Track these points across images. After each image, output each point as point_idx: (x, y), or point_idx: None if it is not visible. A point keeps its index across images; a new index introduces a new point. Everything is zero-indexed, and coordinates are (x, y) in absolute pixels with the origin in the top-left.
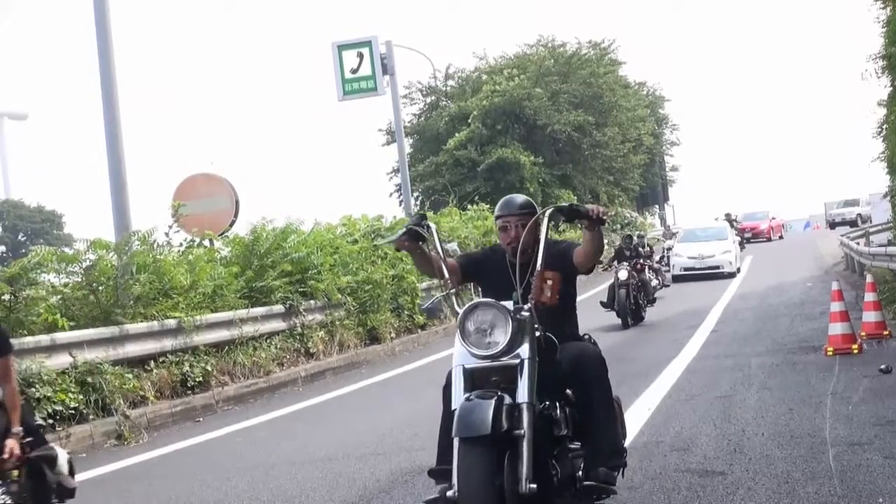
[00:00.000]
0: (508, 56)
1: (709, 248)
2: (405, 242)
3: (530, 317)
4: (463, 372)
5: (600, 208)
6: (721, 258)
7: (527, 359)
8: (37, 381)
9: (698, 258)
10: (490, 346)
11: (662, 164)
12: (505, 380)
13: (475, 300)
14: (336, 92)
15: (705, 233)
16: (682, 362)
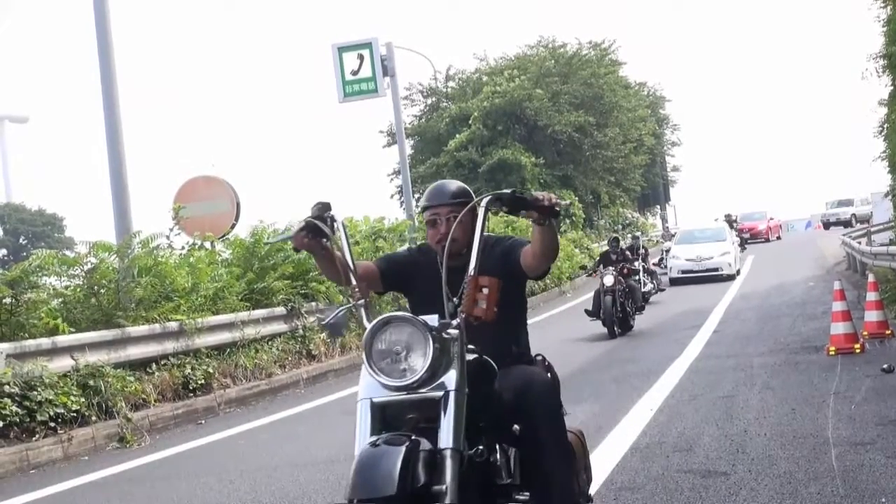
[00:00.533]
0: (509, 57)
1: (707, 249)
2: (304, 240)
3: (459, 335)
4: (370, 408)
5: (552, 196)
6: (720, 260)
7: (453, 390)
8: (38, 385)
9: (696, 260)
10: (405, 373)
11: (663, 164)
12: (425, 418)
13: (386, 314)
14: (336, 94)
15: (703, 234)
16: (685, 362)
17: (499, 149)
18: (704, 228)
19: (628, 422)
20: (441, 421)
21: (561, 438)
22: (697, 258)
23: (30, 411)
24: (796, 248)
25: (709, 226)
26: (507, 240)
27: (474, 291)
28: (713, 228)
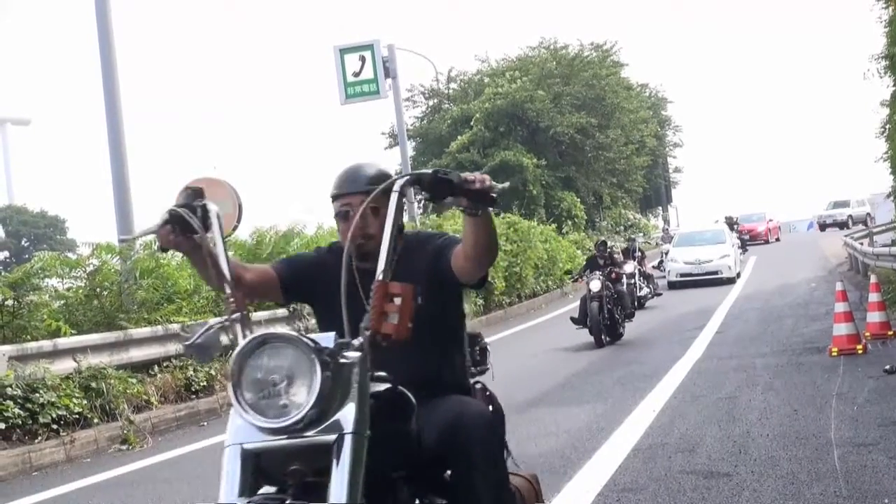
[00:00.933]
0: (510, 58)
1: (706, 252)
2: (170, 236)
3: (360, 360)
4: (240, 456)
5: (486, 177)
6: (719, 263)
7: (349, 433)
8: (41, 387)
9: (695, 263)
10: (286, 410)
11: (665, 165)
12: (312, 469)
13: (260, 333)
14: (338, 95)
15: (703, 236)
16: (687, 363)
17: (501, 150)
18: (704, 231)
19: (631, 423)
20: (333, 473)
21: (501, 488)
22: (696, 261)
23: (32, 413)
24: (798, 249)
25: (708, 228)
26: (439, 237)
27: (382, 302)
28: (713, 230)
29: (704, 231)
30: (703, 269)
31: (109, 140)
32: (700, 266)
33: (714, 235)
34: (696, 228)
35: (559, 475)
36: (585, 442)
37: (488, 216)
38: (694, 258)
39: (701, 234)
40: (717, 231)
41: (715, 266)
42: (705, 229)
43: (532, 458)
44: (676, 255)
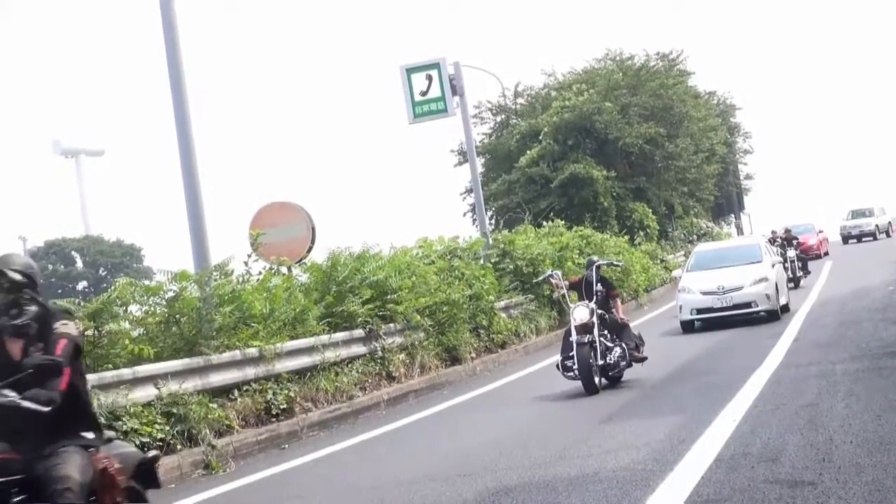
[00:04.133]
0: (577, 71)
1: (734, 276)
2: None
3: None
4: None
5: None
6: (753, 291)
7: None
8: (123, 414)
9: (718, 293)
10: None
11: (736, 172)
12: None
13: None
14: (406, 115)
15: (730, 254)
16: (766, 372)
17: (570, 163)
18: (731, 246)
19: (711, 433)
20: None
21: None
22: (720, 289)
23: None
24: (874, 253)
25: (738, 242)
26: None
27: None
28: (745, 245)
29: (732, 247)
30: (729, 300)
31: (182, 167)
32: (725, 297)
33: (746, 252)
34: (720, 244)
35: (642, 488)
36: (667, 454)
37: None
38: (716, 285)
39: (727, 252)
40: (749, 247)
41: (747, 296)
42: (734, 244)
43: (614, 472)
44: (691, 282)
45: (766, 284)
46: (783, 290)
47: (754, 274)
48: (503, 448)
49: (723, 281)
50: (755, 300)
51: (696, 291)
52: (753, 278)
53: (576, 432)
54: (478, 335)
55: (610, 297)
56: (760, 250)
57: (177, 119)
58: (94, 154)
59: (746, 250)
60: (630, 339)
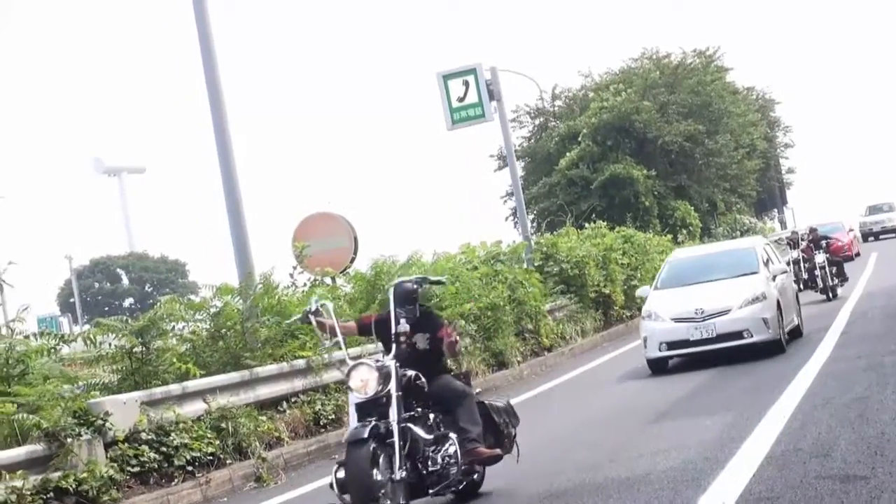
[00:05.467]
0: (614, 71)
1: (718, 294)
2: None
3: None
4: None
5: None
6: (744, 315)
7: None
8: (173, 430)
9: (695, 318)
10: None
11: (778, 167)
12: None
13: None
14: (445, 122)
15: (715, 263)
16: (815, 366)
17: (610, 164)
18: (719, 252)
19: (762, 430)
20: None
21: None
22: (698, 314)
23: (167, 456)
24: None
25: (728, 245)
26: None
27: None
28: (736, 251)
29: (719, 253)
30: (710, 329)
31: (223, 181)
32: (705, 325)
33: (737, 260)
34: (703, 249)
35: (693, 488)
36: (717, 452)
37: None
38: (693, 308)
39: (712, 261)
40: (742, 252)
41: (735, 322)
42: (722, 249)
43: (665, 473)
44: (660, 304)
45: (764, 305)
46: (791, 308)
47: (747, 290)
48: (553, 451)
49: (702, 302)
50: (748, 328)
51: (665, 318)
52: (745, 297)
53: (625, 433)
54: (524, 339)
55: (437, 342)
56: (756, 257)
57: (216, 133)
58: (135, 171)
59: (738, 257)
60: (472, 421)
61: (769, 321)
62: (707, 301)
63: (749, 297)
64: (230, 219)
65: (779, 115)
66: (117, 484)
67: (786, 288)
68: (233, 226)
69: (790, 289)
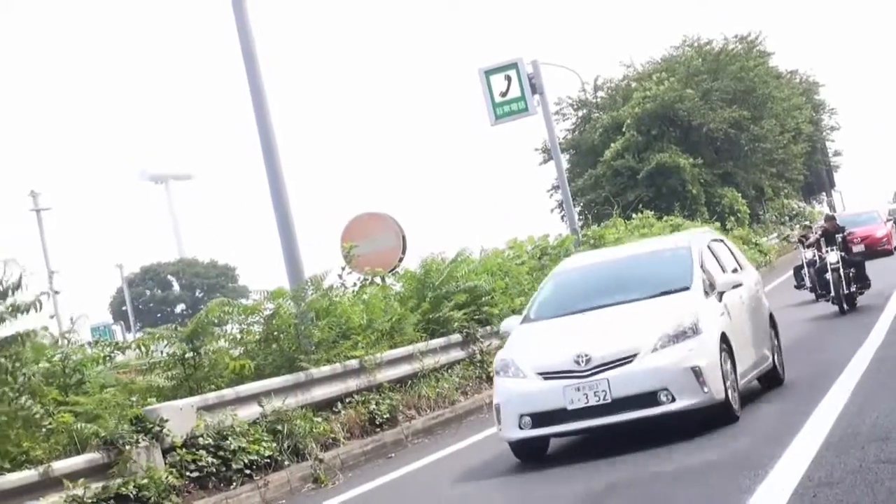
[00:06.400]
0: (655, 60)
1: (616, 329)
2: None
3: None
4: None
5: None
6: (660, 362)
7: None
8: (230, 434)
9: (578, 368)
10: None
11: (824, 150)
12: None
13: None
14: (488, 117)
15: (623, 274)
16: (870, 349)
17: (655, 153)
18: (632, 256)
19: (819, 415)
20: None
21: None
22: (581, 361)
23: (224, 460)
24: None
25: (648, 247)
26: None
27: None
28: (658, 253)
29: (632, 258)
30: (601, 389)
31: (270, 185)
32: (592, 382)
33: (658, 270)
34: (608, 254)
35: (751, 476)
36: (775, 439)
37: None
38: (573, 353)
39: (617, 272)
40: (667, 257)
41: (643, 376)
42: (637, 252)
43: (723, 461)
44: (524, 347)
45: (696, 345)
46: (756, 343)
47: (667, 321)
48: (611, 442)
49: (590, 342)
50: (666, 385)
51: (528, 371)
52: (664, 331)
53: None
54: None
55: None
56: (690, 264)
57: (261, 137)
58: (181, 178)
59: (661, 264)
60: None
61: (704, 373)
62: (598, 341)
63: (670, 332)
64: (278, 222)
65: (823, 98)
66: (177, 489)
67: (744, 312)
68: (281, 229)
69: (756, 311)
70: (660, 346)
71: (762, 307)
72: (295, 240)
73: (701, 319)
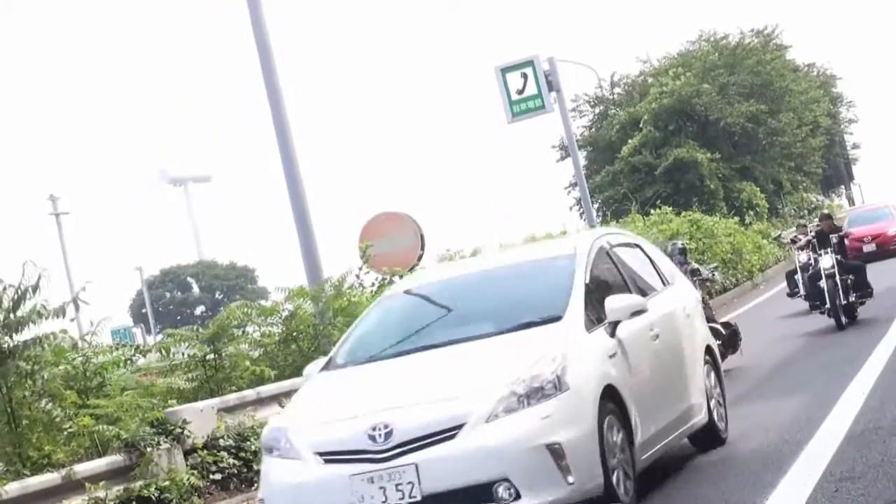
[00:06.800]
0: (672, 55)
1: (441, 383)
2: None
3: None
4: None
5: None
6: (497, 437)
7: None
8: (251, 435)
9: (373, 448)
10: None
11: (843, 143)
12: None
13: None
14: (505, 115)
15: (475, 296)
16: (891, 342)
17: (673, 149)
18: (491, 270)
19: (840, 410)
20: None
21: None
22: (378, 436)
23: (246, 462)
24: None
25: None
26: None
27: None
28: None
29: (489, 273)
30: (407, 481)
31: (288, 185)
32: (392, 470)
33: (524, 292)
34: (457, 269)
35: (774, 471)
36: (796, 434)
37: None
38: (367, 425)
39: (467, 294)
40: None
41: (469, 461)
42: (500, 265)
43: (745, 455)
44: (306, 411)
45: (555, 408)
46: (677, 393)
47: (514, 370)
48: None
49: (393, 407)
50: (506, 475)
51: (303, 450)
52: (507, 388)
53: None
54: None
55: None
56: (570, 281)
57: (279, 138)
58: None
59: (531, 282)
60: None
61: (567, 453)
62: (407, 403)
63: (518, 388)
64: (297, 223)
65: (841, 91)
66: (199, 491)
67: (657, 348)
68: (300, 230)
69: (680, 346)
70: (500, 412)
71: (693, 339)
72: (313, 240)
73: (569, 367)
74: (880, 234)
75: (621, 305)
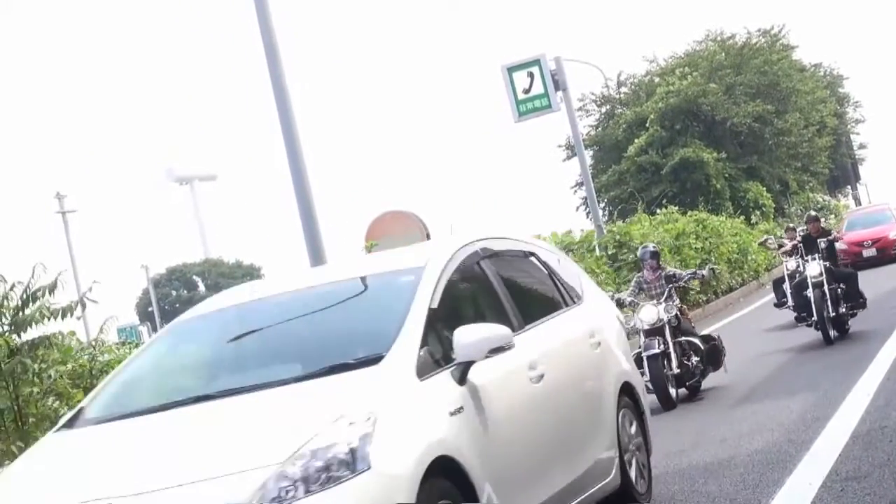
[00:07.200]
0: (678, 55)
1: (180, 462)
2: None
3: None
4: None
5: None
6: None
7: None
8: None
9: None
10: None
11: (849, 143)
12: None
13: None
14: (511, 114)
15: (280, 326)
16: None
17: (679, 148)
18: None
19: (846, 409)
20: None
21: None
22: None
23: None
24: None
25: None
26: None
27: None
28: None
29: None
30: None
31: (294, 185)
32: None
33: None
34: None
35: (779, 470)
36: (802, 433)
37: None
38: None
39: (275, 321)
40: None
41: None
42: (326, 281)
43: (750, 455)
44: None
45: (346, 496)
46: (568, 453)
47: (294, 440)
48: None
49: (109, 495)
50: None
51: None
52: (274, 469)
53: (707, 418)
54: None
55: None
56: (407, 306)
57: (285, 137)
58: (206, 179)
59: (361, 305)
60: None
61: None
62: (146, 489)
63: (290, 471)
64: (303, 221)
65: (848, 91)
66: None
67: (537, 396)
68: (306, 228)
69: (582, 387)
70: None
71: (603, 376)
72: (319, 238)
73: (377, 434)
74: (881, 237)
75: (473, 339)
